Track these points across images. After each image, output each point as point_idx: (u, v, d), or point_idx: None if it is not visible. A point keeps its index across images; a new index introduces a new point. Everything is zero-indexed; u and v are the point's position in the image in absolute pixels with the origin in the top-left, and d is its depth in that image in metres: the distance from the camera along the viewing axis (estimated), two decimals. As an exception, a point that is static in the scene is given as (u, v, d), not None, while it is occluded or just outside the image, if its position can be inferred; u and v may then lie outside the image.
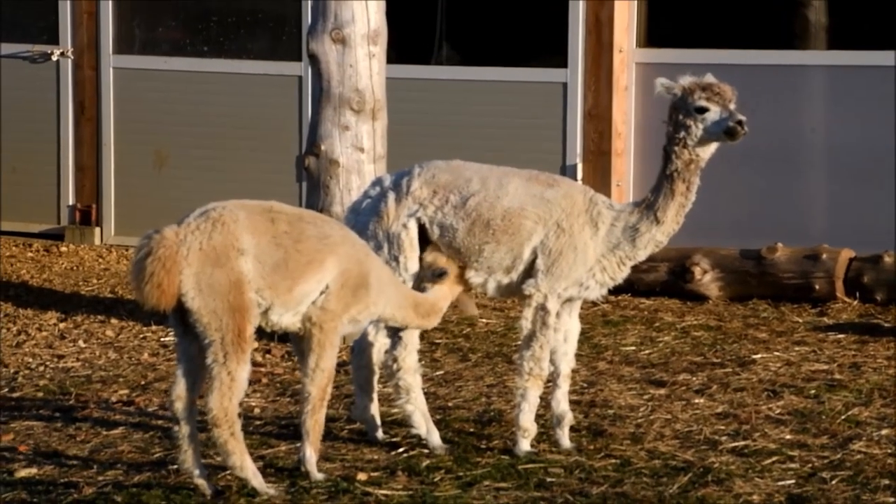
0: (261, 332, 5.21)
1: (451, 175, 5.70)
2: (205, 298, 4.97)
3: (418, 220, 5.67)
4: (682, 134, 5.54)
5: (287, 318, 5.18)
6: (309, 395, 5.23)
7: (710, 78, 5.60)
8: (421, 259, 5.67)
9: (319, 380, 5.21)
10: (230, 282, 4.98)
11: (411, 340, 5.77)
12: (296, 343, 5.33)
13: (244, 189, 9.79)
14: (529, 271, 5.65)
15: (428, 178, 5.70)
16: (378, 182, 5.83)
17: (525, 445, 5.66)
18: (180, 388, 5.09)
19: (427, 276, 5.61)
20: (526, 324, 5.64)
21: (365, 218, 5.72)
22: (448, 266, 5.60)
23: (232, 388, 4.99)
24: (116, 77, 10.71)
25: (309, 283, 5.15)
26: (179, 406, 5.08)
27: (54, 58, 10.84)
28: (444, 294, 5.58)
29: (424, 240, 5.72)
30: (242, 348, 4.99)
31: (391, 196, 5.71)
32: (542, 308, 5.61)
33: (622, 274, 5.69)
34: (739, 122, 5.53)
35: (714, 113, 5.54)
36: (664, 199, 5.57)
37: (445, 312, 5.69)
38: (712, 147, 5.58)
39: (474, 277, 5.67)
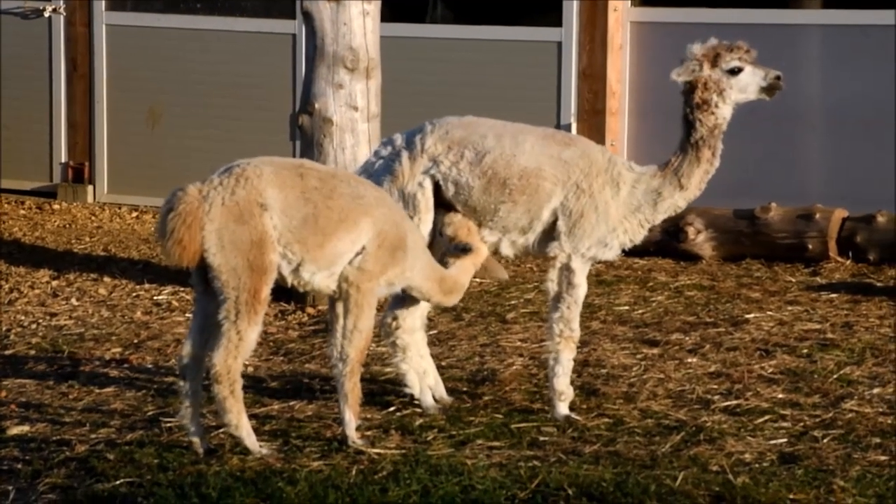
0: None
1: (464, 131, 5.62)
2: (226, 255, 4.95)
3: (433, 177, 5.61)
4: (715, 98, 5.48)
5: (320, 279, 5.11)
6: (347, 357, 5.17)
7: (714, 40, 5.56)
8: (441, 231, 5.59)
9: (357, 341, 5.16)
10: (252, 240, 4.96)
11: (415, 302, 5.73)
12: (332, 307, 5.27)
13: (238, 147, 9.75)
14: (548, 233, 5.60)
15: (442, 135, 5.61)
16: (389, 142, 5.72)
17: (563, 409, 5.61)
18: (191, 344, 5.08)
19: (449, 250, 5.53)
20: (552, 286, 5.59)
21: (377, 179, 5.60)
22: (470, 239, 5.53)
23: (239, 347, 4.98)
24: (109, 34, 10.65)
25: (342, 241, 5.09)
26: (188, 361, 5.08)
27: (46, 14, 10.78)
28: (466, 269, 5.48)
29: (438, 200, 5.64)
30: (256, 309, 4.97)
31: (405, 154, 5.61)
32: (567, 268, 5.56)
33: (640, 236, 5.66)
34: (778, 77, 5.53)
35: (748, 72, 5.52)
36: (689, 165, 5.53)
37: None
38: (734, 108, 5.54)
39: (488, 236, 5.61)
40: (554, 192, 5.57)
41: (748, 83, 5.54)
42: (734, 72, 5.51)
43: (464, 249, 5.47)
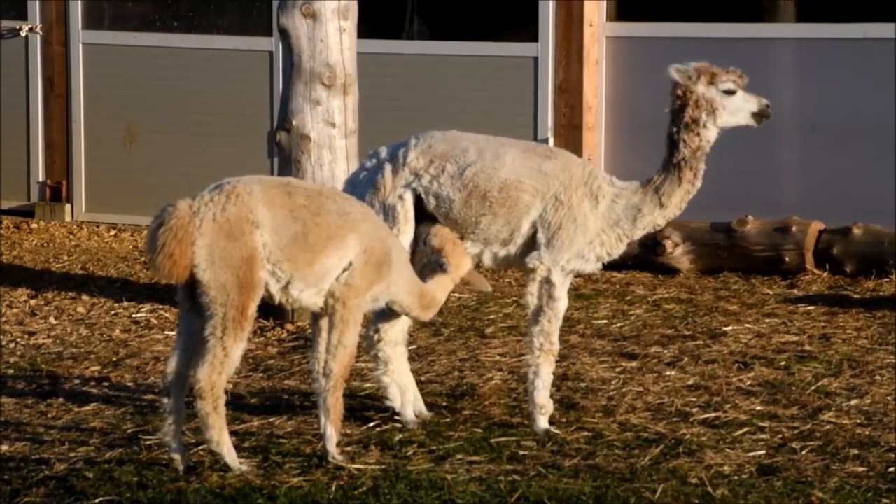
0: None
1: (447, 145, 5.67)
2: (215, 271, 4.95)
3: (414, 190, 5.65)
4: (705, 118, 5.50)
5: (308, 296, 5.13)
6: (331, 373, 5.18)
7: (704, 63, 5.58)
8: (424, 240, 5.61)
9: (342, 357, 5.17)
10: (242, 257, 4.97)
11: (398, 316, 5.73)
12: (314, 322, 5.28)
13: (215, 165, 9.76)
14: (530, 245, 5.63)
15: (424, 148, 5.66)
16: (374, 154, 5.78)
17: (543, 423, 5.62)
18: (175, 362, 5.08)
19: (430, 261, 5.51)
20: (532, 299, 5.61)
21: (362, 190, 5.67)
22: (454, 254, 5.52)
23: (224, 363, 4.98)
24: (86, 52, 10.65)
25: (331, 258, 5.11)
26: (172, 379, 5.08)
27: (23, 33, 10.77)
28: (445, 285, 5.49)
29: (422, 212, 5.67)
30: (242, 326, 4.98)
31: (388, 167, 5.67)
32: (547, 281, 5.58)
33: (619, 250, 5.68)
34: (767, 105, 5.59)
35: (741, 97, 5.56)
36: (671, 185, 5.57)
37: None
38: (718, 131, 5.56)
39: (470, 248, 5.64)
40: (533, 203, 5.60)
41: (739, 107, 5.58)
42: (728, 93, 5.55)
43: (440, 266, 5.49)
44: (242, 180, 5.09)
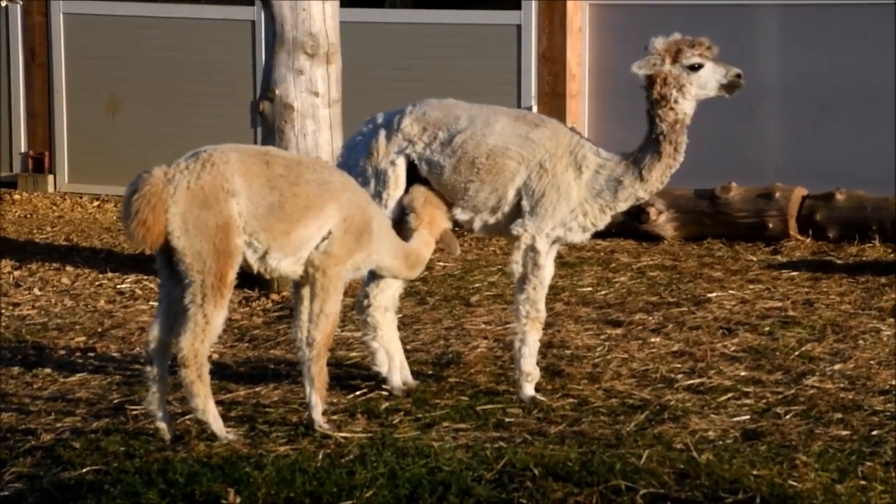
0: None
1: (441, 112, 5.69)
2: (190, 238, 4.95)
3: (407, 156, 5.67)
4: (674, 94, 5.48)
5: (287, 265, 5.14)
6: (314, 341, 5.19)
7: (677, 35, 5.57)
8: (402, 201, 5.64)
9: (324, 325, 5.18)
10: (217, 224, 4.97)
11: (387, 280, 5.76)
12: (296, 291, 5.30)
13: (198, 134, 9.73)
14: (517, 213, 5.64)
15: (419, 115, 5.68)
16: (371, 119, 5.81)
17: (529, 390, 5.64)
18: (157, 330, 5.09)
19: (403, 218, 5.58)
20: (517, 267, 5.63)
21: (356, 154, 5.71)
22: (424, 208, 5.56)
23: (206, 330, 4.99)
24: (67, 23, 10.59)
25: (308, 227, 5.11)
26: (154, 347, 5.08)
27: (2, 4, 10.69)
28: (426, 241, 5.54)
29: (416, 179, 5.67)
30: (222, 293, 4.98)
31: (382, 133, 5.69)
32: (532, 249, 5.60)
33: (603, 221, 5.69)
34: (738, 75, 5.54)
35: (708, 69, 5.53)
36: (651, 159, 5.56)
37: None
38: (696, 103, 5.55)
39: (460, 215, 5.67)
40: (518, 171, 5.61)
41: (708, 80, 5.55)
42: (694, 68, 5.52)
43: (409, 223, 5.50)
44: (220, 149, 5.09)
